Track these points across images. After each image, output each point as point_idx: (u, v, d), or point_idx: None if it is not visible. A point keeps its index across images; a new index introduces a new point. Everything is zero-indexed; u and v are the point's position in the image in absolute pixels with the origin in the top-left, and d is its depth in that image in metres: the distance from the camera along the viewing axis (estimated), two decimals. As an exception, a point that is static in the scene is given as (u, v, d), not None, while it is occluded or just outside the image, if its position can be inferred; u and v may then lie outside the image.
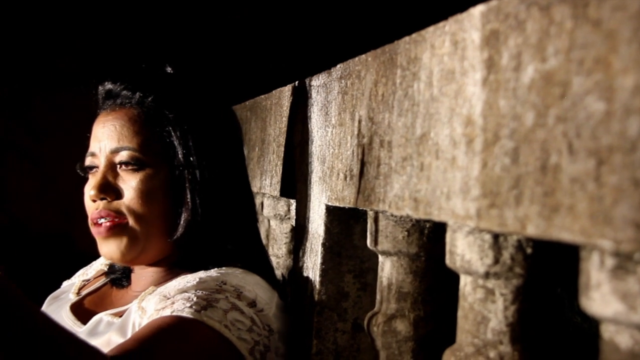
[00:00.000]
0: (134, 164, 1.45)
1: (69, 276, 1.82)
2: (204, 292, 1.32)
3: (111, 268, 1.64)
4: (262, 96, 2.01)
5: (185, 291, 1.33)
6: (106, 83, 1.53)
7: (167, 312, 1.28)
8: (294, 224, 1.75)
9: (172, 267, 1.50)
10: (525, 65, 0.78)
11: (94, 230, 1.47)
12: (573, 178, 0.69)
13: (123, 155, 1.45)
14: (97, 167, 1.48)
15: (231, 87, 1.62)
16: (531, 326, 0.94)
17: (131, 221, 1.44)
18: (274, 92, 1.89)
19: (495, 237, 0.92)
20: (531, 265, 0.91)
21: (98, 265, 1.75)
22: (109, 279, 1.63)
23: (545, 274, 0.93)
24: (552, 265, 0.93)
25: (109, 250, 1.46)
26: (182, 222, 1.46)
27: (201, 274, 1.41)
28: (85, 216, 1.50)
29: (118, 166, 1.46)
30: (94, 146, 1.50)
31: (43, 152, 3.29)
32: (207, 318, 1.27)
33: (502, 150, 0.82)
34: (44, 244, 3.14)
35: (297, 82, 1.68)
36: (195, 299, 1.30)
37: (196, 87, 1.56)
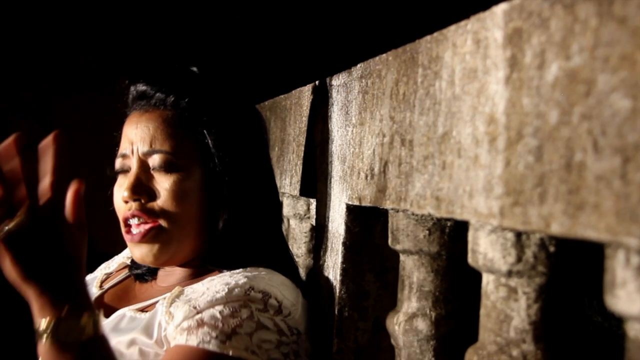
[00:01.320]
0: (168, 166, 1.44)
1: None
2: (230, 309, 1.32)
3: (134, 262, 1.64)
4: (282, 96, 2.01)
5: (214, 305, 1.32)
6: (139, 84, 1.52)
7: (193, 341, 1.28)
8: (313, 223, 1.75)
9: (199, 265, 1.50)
10: (549, 63, 0.78)
11: (125, 234, 1.46)
12: (598, 176, 0.69)
13: (156, 159, 1.45)
14: (128, 168, 1.48)
15: (249, 87, 1.62)
16: (554, 325, 0.94)
17: (164, 223, 1.43)
18: (293, 92, 1.89)
19: (518, 235, 0.92)
20: (554, 263, 0.91)
21: (120, 259, 1.76)
22: (132, 273, 1.63)
23: (567, 273, 0.93)
24: (573, 264, 0.93)
25: (142, 254, 1.45)
26: (220, 223, 1.46)
27: (227, 277, 1.40)
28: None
29: (152, 168, 1.46)
30: (125, 147, 1.49)
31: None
32: (233, 349, 1.28)
33: (525, 149, 0.82)
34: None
35: (317, 82, 1.69)
36: (221, 324, 1.30)
37: (226, 89, 1.56)
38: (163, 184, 1.44)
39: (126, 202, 1.45)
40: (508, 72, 0.86)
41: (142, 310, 1.46)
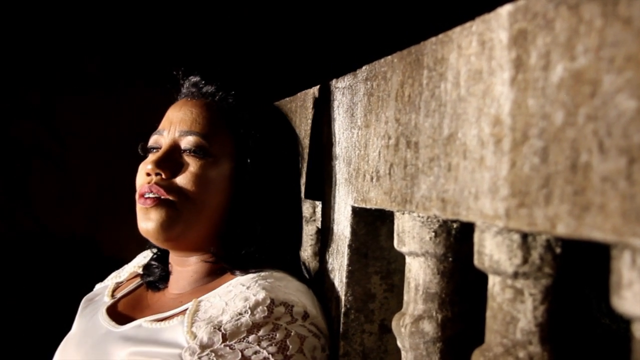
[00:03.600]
0: (199, 151, 1.47)
1: (96, 280, 1.83)
2: (266, 337, 1.31)
3: (146, 270, 1.64)
4: (287, 99, 2.02)
5: (241, 329, 1.32)
6: (193, 75, 1.58)
7: None
8: (319, 225, 1.75)
9: (209, 266, 1.50)
10: (554, 64, 0.78)
11: (139, 203, 1.48)
12: (604, 177, 0.69)
13: (190, 140, 1.48)
14: (160, 146, 1.50)
15: (256, 88, 1.64)
16: (560, 326, 0.94)
17: (179, 201, 1.45)
18: (298, 94, 1.90)
19: (524, 237, 0.91)
20: (560, 265, 0.91)
21: (131, 268, 1.76)
22: (143, 281, 1.64)
23: (574, 275, 0.93)
24: (579, 266, 0.93)
25: (148, 223, 1.46)
26: (241, 221, 1.48)
27: (244, 288, 1.40)
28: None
29: (183, 151, 1.49)
30: (163, 124, 1.54)
31: (68, 157, 3.32)
32: None
33: (531, 150, 0.82)
34: (70, 249, 3.16)
35: (322, 84, 1.69)
36: (271, 356, 1.30)
37: (263, 94, 1.62)
38: (190, 166, 1.47)
39: (148, 174, 1.46)
40: (513, 73, 0.86)
41: (159, 320, 1.45)
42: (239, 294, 1.39)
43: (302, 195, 1.70)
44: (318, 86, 1.72)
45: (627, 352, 0.74)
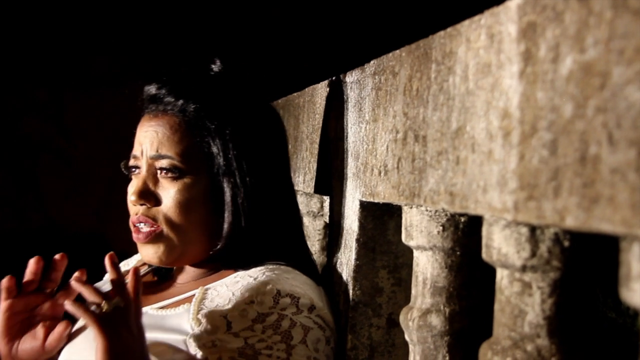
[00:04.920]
0: (173, 172, 1.46)
1: (105, 274, 1.83)
2: (271, 327, 1.33)
3: None
4: (295, 94, 2.02)
5: (245, 314, 1.33)
6: (151, 87, 1.52)
7: None
8: (327, 220, 1.75)
9: (215, 262, 1.51)
10: (563, 57, 0.78)
11: (134, 234, 1.49)
12: (613, 169, 0.69)
13: (163, 163, 1.46)
14: (139, 168, 1.50)
15: (262, 85, 1.62)
16: (568, 320, 0.94)
17: (166, 229, 1.45)
18: (306, 89, 1.90)
19: (532, 230, 0.91)
20: (568, 258, 0.91)
21: (138, 256, 1.76)
22: (150, 270, 1.64)
23: (581, 268, 0.93)
24: (587, 260, 0.93)
25: (148, 255, 1.49)
26: (224, 230, 1.47)
27: (251, 279, 1.41)
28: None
29: (159, 172, 1.47)
30: (136, 148, 1.51)
31: (76, 153, 3.32)
32: None
33: (539, 142, 0.82)
34: (79, 244, 3.16)
35: (330, 79, 1.69)
36: (273, 344, 1.31)
37: (240, 90, 1.55)
38: (168, 191, 1.45)
39: (134, 205, 1.47)
40: (522, 66, 0.86)
41: (165, 307, 1.46)
42: (245, 285, 1.39)
43: (310, 188, 1.70)
44: (326, 81, 1.72)
45: (633, 346, 0.74)
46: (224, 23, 3.41)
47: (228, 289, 1.41)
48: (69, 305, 1.28)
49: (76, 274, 1.38)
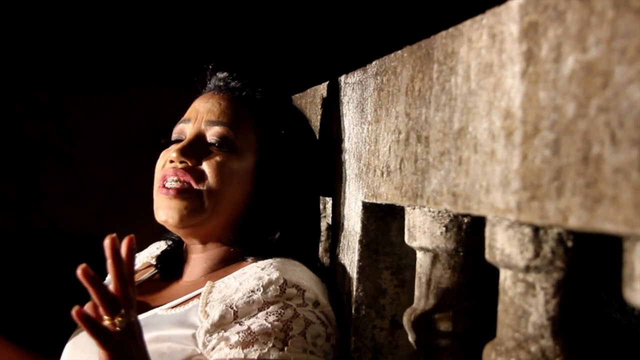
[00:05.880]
0: (223, 145, 1.49)
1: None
2: (274, 313, 1.33)
3: (159, 260, 1.65)
4: (297, 95, 2.01)
5: (252, 306, 1.34)
6: (221, 71, 1.60)
7: (253, 355, 1.29)
8: (329, 221, 1.75)
9: (225, 253, 1.52)
10: (565, 56, 0.77)
11: (159, 190, 1.48)
12: (616, 168, 0.68)
13: (216, 131, 1.50)
14: (184, 136, 1.51)
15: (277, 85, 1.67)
16: (572, 320, 0.93)
17: (204, 191, 1.46)
18: (308, 90, 1.90)
19: (536, 230, 0.91)
20: (572, 258, 0.91)
21: (143, 258, 1.76)
22: (156, 272, 1.64)
23: (585, 269, 0.92)
24: (590, 260, 0.92)
25: (170, 210, 1.46)
26: (259, 213, 1.51)
27: (258, 269, 1.42)
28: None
29: (208, 142, 1.50)
30: (189, 114, 1.55)
31: (78, 155, 3.32)
32: (293, 353, 1.31)
33: (542, 142, 0.81)
34: (81, 247, 3.16)
35: (332, 80, 1.69)
36: (272, 331, 1.31)
37: (286, 92, 1.66)
38: (214, 158, 1.48)
39: (172, 161, 1.47)
40: (524, 66, 0.86)
41: (174, 307, 1.46)
42: (253, 274, 1.41)
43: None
44: (328, 82, 1.72)
45: (638, 347, 0.74)
46: (225, 24, 3.41)
47: (236, 279, 1.43)
48: (77, 316, 1.11)
49: (82, 266, 1.18)
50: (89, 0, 3.32)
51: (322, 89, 1.76)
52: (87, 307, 1.14)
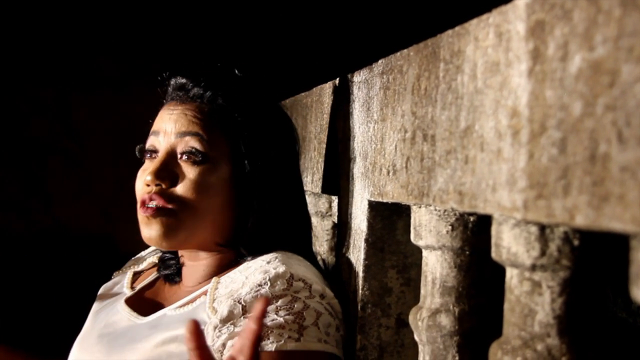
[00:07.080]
0: (197, 155, 1.46)
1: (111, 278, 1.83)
2: (285, 307, 1.33)
3: (161, 263, 1.65)
4: (303, 94, 2.02)
5: (259, 296, 1.33)
6: (180, 77, 1.55)
7: (269, 347, 1.29)
8: (335, 220, 1.75)
9: (222, 258, 1.51)
10: (572, 55, 0.77)
11: (140, 210, 1.48)
12: (623, 167, 0.68)
13: (188, 142, 1.47)
14: (157, 151, 1.50)
15: (270, 85, 1.64)
16: (578, 319, 0.93)
17: (180, 209, 1.45)
18: (314, 89, 1.90)
19: (542, 229, 0.91)
20: (578, 257, 0.91)
21: (149, 257, 1.77)
22: (160, 274, 1.65)
23: (591, 267, 0.92)
24: (597, 259, 0.92)
25: (150, 232, 1.46)
26: (249, 223, 1.49)
27: (264, 263, 1.42)
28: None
29: (179, 156, 1.47)
30: (158, 126, 1.51)
31: (84, 154, 3.33)
32: (309, 343, 1.31)
33: (549, 141, 0.81)
34: (87, 246, 3.17)
35: (338, 79, 1.69)
36: (286, 323, 1.31)
37: (261, 92, 1.59)
38: (188, 173, 1.46)
39: (148, 185, 1.46)
40: (531, 64, 0.86)
41: (182, 306, 1.47)
42: (259, 268, 1.40)
43: (318, 188, 1.70)
44: (334, 81, 1.72)
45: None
46: (229, 23, 3.42)
47: (242, 274, 1.42)
48: None
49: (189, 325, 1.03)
50: (93, 1, 3.32)
51: (328, 87, 1.76)
52: None
